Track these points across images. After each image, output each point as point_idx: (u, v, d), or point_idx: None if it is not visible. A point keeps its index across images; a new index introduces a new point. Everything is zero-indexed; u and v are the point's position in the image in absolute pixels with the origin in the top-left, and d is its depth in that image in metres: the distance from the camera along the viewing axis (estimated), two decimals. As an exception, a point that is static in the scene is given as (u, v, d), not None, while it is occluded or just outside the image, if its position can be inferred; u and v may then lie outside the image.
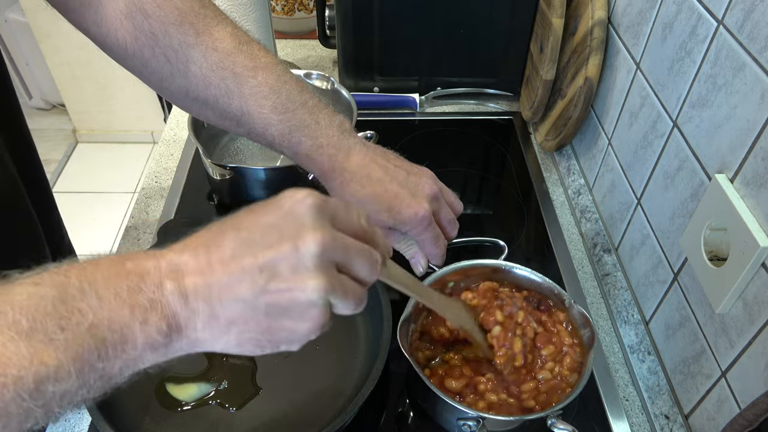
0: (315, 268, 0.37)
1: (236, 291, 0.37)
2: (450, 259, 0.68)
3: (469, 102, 1.13)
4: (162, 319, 0.35)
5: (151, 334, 0.35)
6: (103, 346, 0.33)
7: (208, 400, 0.63)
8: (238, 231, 0.38)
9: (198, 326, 0.37)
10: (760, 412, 0.44)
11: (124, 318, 0.34)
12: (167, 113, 1.81)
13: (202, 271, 0.37)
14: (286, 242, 0.37)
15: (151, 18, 0.56)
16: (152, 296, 0.35)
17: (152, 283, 0.36)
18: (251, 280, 0.36)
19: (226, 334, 0.37)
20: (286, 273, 0.37)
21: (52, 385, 0.31)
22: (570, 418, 0.65)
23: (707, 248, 0.56)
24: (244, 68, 0.57)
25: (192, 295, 0.36)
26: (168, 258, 0.37)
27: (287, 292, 0.37)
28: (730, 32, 0.55)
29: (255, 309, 0.37)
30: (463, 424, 0.57)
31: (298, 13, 1.28)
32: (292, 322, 0.38)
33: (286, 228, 0.37)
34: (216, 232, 0.39)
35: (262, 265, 0.36)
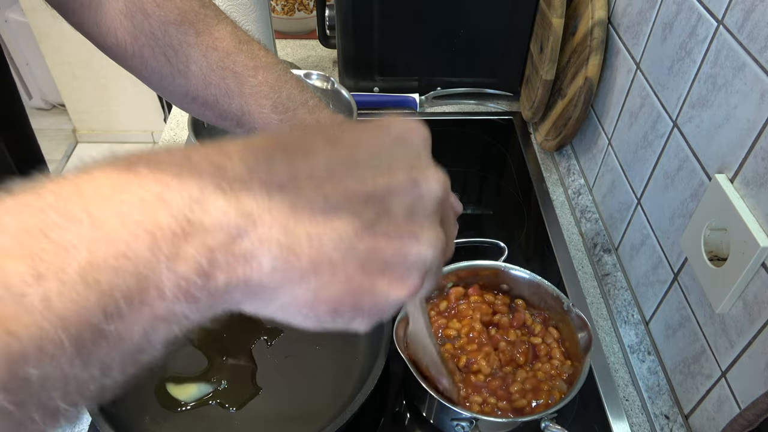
0: (434, 214, 0.28)
1: (333, 222, 0.25)
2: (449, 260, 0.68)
3: (469, 102, 1.13)
4: (203, 250, 0.22)
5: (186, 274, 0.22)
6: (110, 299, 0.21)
7: (208, 400, 0.64)
8: (334, 144, 0.27)
9: (265, 265, 0.24)
10: (760, 412, 0.44)
11: (138, 251, 0.21)
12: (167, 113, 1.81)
13: (280, 185, 0.24)
14: (402, 173, 0.27)
15: (151, 18, 0.56)
16: (186, 213, 0.22)
17: (187, 193, 0.23)
18: (353, 212, 0.26)
19: (303, 283, 0.25)
20: (400, 213, 0.27)
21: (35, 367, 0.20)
22: (570, 418, 0.65)
23: (707, 248, 0.56)
24: (245, 68, 0.57)
25: (263, 216, 0.24)
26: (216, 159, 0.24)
27: (397, 240, 0.27)
28: (730, 32, 0.55)
29: (351, 253, 0.26)
30: (456, 425, 0.58)
31: (298, 13, 1.28)
32: (387, 283, 0.27)
33: (401, 156, 0.28)
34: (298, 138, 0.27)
35: (371, 194, 0.26)
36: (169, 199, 0.22)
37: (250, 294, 0.25)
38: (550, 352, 0.64)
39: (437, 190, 0.28)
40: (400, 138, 0.29)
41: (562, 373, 0.62)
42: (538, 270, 0.69)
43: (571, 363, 0.63)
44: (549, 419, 0.57)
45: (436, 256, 0.28)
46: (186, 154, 0.24)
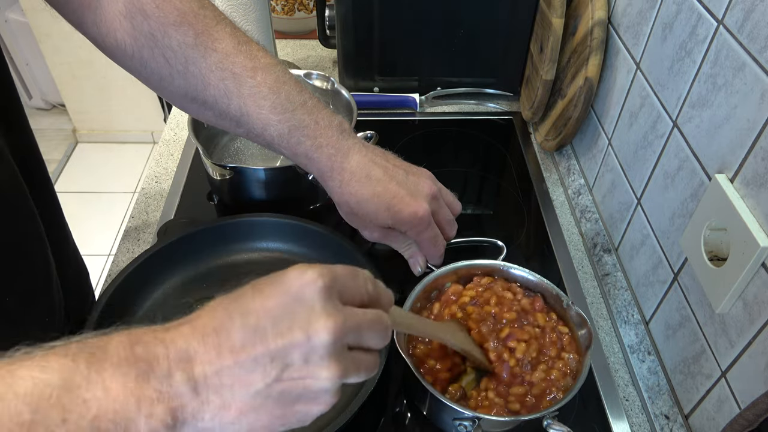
0: (328, 356, 0.37)
1: (248, 381, 0.36)
2: (448, 260, 0.68)
3: (469, 102, 1.13)
4: (168, 412, 0.34)
5: (156, 426, 0.34)
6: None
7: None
8: (246, 317, 0.37)
9: (206, 416, 0.36)
10: (760, 412, 0.44)
11: (129, 411, 0.33)
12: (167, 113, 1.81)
13: (211, 361, 0.36)
14: (297, 331, 0.36)
15: (150, 19, 0.56)
16: (160, 387, 0.34)
17: (161, 372, 0.35)
18: (263, 371, 0.36)
19: (236, 423, 0.36)
20: (299, 362, 0.36)
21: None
22: (570, 418, 0.65)
23: (707, 248, 0.56)
24: (243, 68, 0.57)
25: (202, 386, 0.35)
26: (177, 345, 0.36)
27: (300, 381, 0.37)
28: (730, 32, 0.55)
29: (267, 398, 0.36)
30: (459, 424, 0.57)
31: (298, 13, 1.28)
32: (305, 406, 0.38)
33: (296, 314, 0.37)
34: (223, 315, 0.37)
35: (274, 355, 0.36)
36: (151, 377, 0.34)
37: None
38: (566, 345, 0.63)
39: (326, 338, 0.37)
40: (298, 296, 0.37)
41: (573, 369, 0.62)
42: (538, 270, 0.69)
43: (577, 356, 0.62)
44: (551, 417, 0.57)
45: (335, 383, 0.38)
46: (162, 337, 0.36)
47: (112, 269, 0.80)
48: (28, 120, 0.65)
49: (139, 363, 0.34)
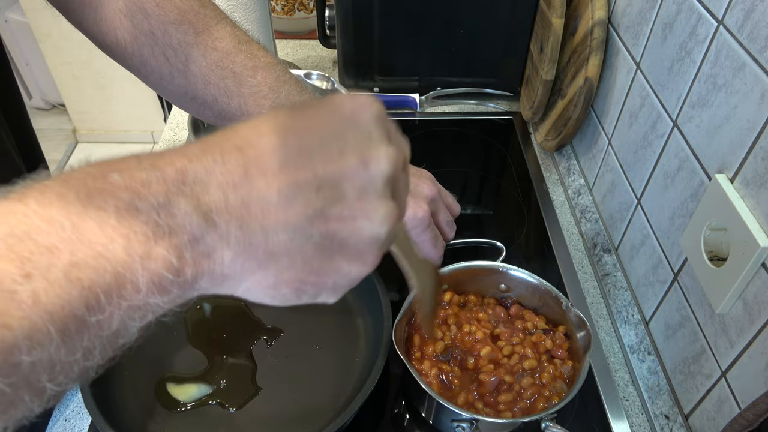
0: (384, 192, 0.30)
1: (285, 213, 0.27)
2: (447, 260, 0.68)
3: (469, 102, 1.13)
4: (172, 249, 0.26)
5: (158, 270, 0.26)
6: (91, 294, 0.24)
7: (208, 400, 0.63)
8: (284, 134, 0.28)
9: (225, 258, 0.27)
10: (760, 412, 0.43)
11: (115, 252, 0.25)
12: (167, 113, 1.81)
13: (235, 184, 0.27)
14: (352, 155, 0.29)
15: (150, 17, 0.56)
16: (155, 218, 0.26)
17: (154, 199, 0.26)
18: (305, 200, 0.28)
19: (263, 269, 0.28)
20: (352, 195, 0.29)
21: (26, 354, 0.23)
22: (570, 418, 0.65)
23: (707, 248, 0.56)
24: (244, 68, 0.57)
25: (219, 215, 0.27)
26: (178, 164, 0.27)
27: (351, 221, 0.29)
28: (730, 32, 0.55)
29: (306, 240, 0.28)
30: (456, 426, 0.57)
31: (298, 13, 1.28)
32: (347, 261, 0.30)
33: (351, 138, 0.29)
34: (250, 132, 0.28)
35: (322, 182, 0.28)
36: (139, 206, 0.25)
37: (215, 283, 0.28)
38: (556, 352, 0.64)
39: (386, 168, 0.30)
40: (351, 118, 0.30)
41: (563, 374, 0.62)
42: (538, 270, 0.69)
43: (572, 363, 0.63)
44: (549, 419, 0.57)
45: (390, 229, 0.30)
46: (153, 161, 0.27)
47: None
48: (30, 120, 0.66)
49: (119, 192, 0.25)
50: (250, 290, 0.29)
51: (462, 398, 0.61)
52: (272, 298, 0.30)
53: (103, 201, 0.25)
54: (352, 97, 0.31)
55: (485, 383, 0.60)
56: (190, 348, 0.68)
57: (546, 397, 0.60)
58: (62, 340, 0.24)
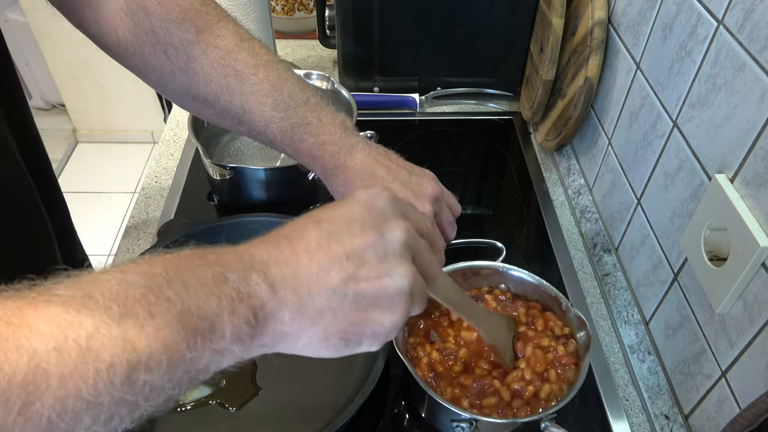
0: (402, 254, 0.38)
1: (325, 280, 0.36)
2: (448, 260, 0.68)
3: (469, 102, 1.13)
4: (250, 309, 0.34)
5: (239, 324, 0.34)
6: (192, 335, 0.32)
7: (208, 400, 0.63)
8: (319, 224, 0.38)
9: (285, 318, 0.36)
10: (760, 412, 0.43)
11: (212, 306, 0.33)
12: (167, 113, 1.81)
13: (287, 261, 0.36)
14: (371, 231, 0.37)
15: (152, 15, 0.55)
16: (238, 286, 0.34)
17: (237, 273, 0.35)
18: (339, 268, 0.36)
19: (313, 326, 0.37)
20: (374, 260, 0.37)
21: (143, 374, 0.30)
22: (570, 418, 0.65)
23: (707, 248, 0.56)
24: (246, 65, 0.57)
25: (280, 285, 0.36)
26: (249, 252, 0.37)
27: (376, 280, 0.37)
28: (730, 32, 0.55)
29: (344, 298, 0.36)
30: (456, 426, 0.57)
31: (298, 13, 1.28)
32: (380, 313, 0.38)
33: (369, 219, 0.38)
34: (295, 226, 0.39)
35: (350, 253, 0.37)
36: (228, 277, 0.34)
37: (277, 338, 0.36)
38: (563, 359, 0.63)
39: (400, 235, 0.38)
40: (368, 204, 0.39)
41: (567, 378, 0.62)
42: (538, 270, 0.69)
43: (575, 367, 0.63)
44: (549, 419, 0.57)
45: (411, 283, 0.38)
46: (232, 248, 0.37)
47: (112, 269, 0.80)
48: (33, 118, 0.66)
49: (214, 266, 0.34)
50: (308, 345, 0.37)
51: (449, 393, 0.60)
52: (326, 349, 0.38)
53: (204, 271, 0.34)
54: (369, 189, 0.40)
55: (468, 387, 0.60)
56: (190, 348, 0.68)
57: (544, 403, 0.60)
58: (167, 367, 0.31)
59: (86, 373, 0.28)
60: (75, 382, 0.28)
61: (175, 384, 0.32)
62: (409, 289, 0.38)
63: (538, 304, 0.68)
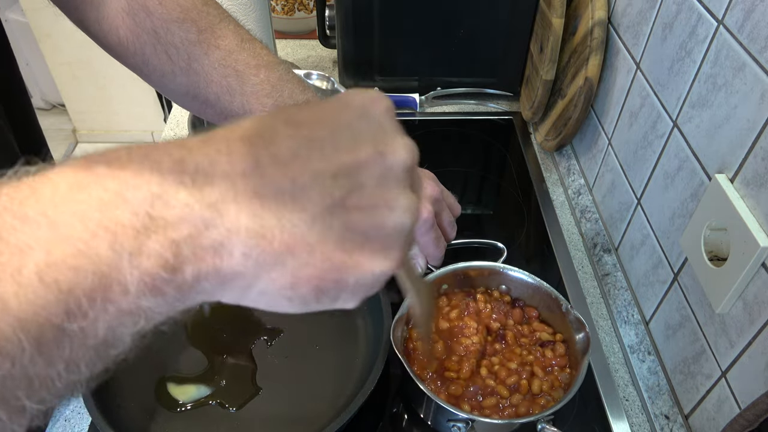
0: (405, 181, 0.28)
1: (302, 202, 0.25)
2: (448, 260, 0.68)
3: (469, 102, 1.13)
4: (167, 244, 0.23)
5: (150, 269, 0.22)
6: (71, 298, 0.21)
7: (208, 400, 0.63)
8: (296, 126, 0.26)
9: (236, 252, 0.24)
10: (760, 412, 0.43)
11: (98, 249, 0.21)
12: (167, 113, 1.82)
13: (244, 173, 0.24)
14: (367, 145, 0.27)
15: (153, 15, 0.56)
16: (148, 210, 0.22)
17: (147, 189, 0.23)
18: (322, 189, 0.25)
19: (278, 266, 0.25)
20: (371, 184, 0.27)
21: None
22: (570, 418, 0.65)
23: (707, 248, 0.56)
24: (247, 66, 0.57)
25: (227, 205, 0.24)
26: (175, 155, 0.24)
27: (371, 211, 0.27)
28: (730, 32, 0.55)
29: (325, 230, 0.25)
30: (453, 426, 0.57)
31: (298, 13, 1.28)
32: (370, 256, 0.27)
33: (363, 129, 0.27)
34: (256, 124, 0.26)
35: (338, 171, 0.26)
36: (128, 197, 0.22)
37: (223, 283, 0.25)
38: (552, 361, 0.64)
39: (405, 157, 0.28)
40: (361, 111, 0.28)
41: (561, 382, 0.62)
42: (538, 270, 0.69)
43: (569, 371, 0.63)
44: (545, 421, 0.57)
45: (412, 222, 0.28)
46: (145, 151, 0.24)
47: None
48: (36, 115, 0.66)
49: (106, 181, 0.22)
50: (264, 292, 0.26)
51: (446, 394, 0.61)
52: (289, 300, 0.26)
53: (85, 194, 0.22)
54: (362, 91, 0.29)
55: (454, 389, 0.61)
56: (190, 348, 0.68)
57: (541, 405, 0.60)
58: (38, 350, 0.21)
59: None
60: None
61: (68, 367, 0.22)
62: (411, 225, 0.28)
63: (536, 310, 0.68)
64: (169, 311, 0.25)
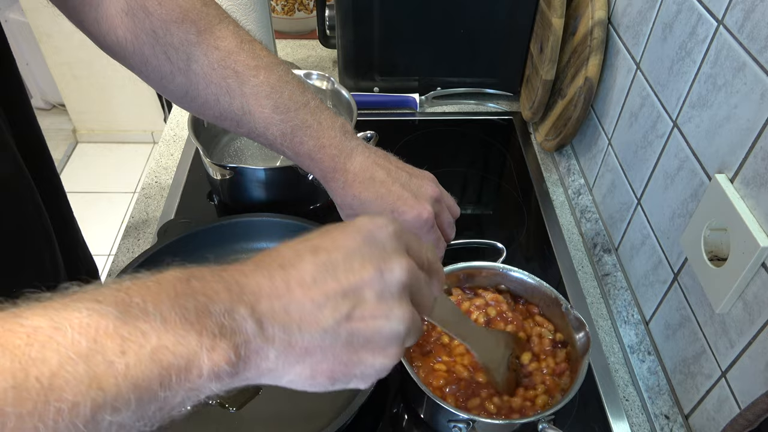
0: (400, 296, 0.36)
1: (318, 318, 0.34)
2: (448, 261, 0.68)
3: (469, 102, 1.13)
4: (232, 347, 0.32)
5: (219, 362, 0.31)
6: (167, 374, 0.30)
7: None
8: (316, 253, 0.35)
9: (271, 355, 0.33)
10: (760, 412, 0.43)
11: (190, 343, 0.30)
12: (167, 113, 1.82)
13: (279, 295, 0.34)
14: (370, 267, 0.35)
15: (152, 16, 0.55)
16: (222, 321, 0.32)
17: (222, 305, 0.32)
18: (334, 307, 0.34)
19: (300, 364, 0.34)
20: (372, 300, 0.35)
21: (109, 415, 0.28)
22: (570, 418, 0.65)
23: (707, 248, 0.56)
24: (246, 67, 0.57)
25: (268, 321, 0.33)
26: (238, 280, 0.34)
27: (371, 321, 0.35)
28: (730, 32, 0.55)
29: (335, 338, 0.34)
30: (453, 426, 0.57)
31: (298, 13, 1.28)
32: (372, 355, 0.36)
33: (368, 253, 0.36)
34: (290, 253, 0.36)
35: (346, 291, 0.35)
36: (212, 309, 0.31)
37: (260, 375, 0.34)
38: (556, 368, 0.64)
39: (400, 275, 0.36)
40: (369, 236, 0.37)
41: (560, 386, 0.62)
42: (538, 270, 0.69)
43: (569, 374, 0.63)
44: (546, 421, 0.57)
45: (408, 327, 0.36)
46: (220, 273, 0.34)
47: (112, 268, 0.80)
48: (35, 114, 0.66)
49: (198, 296, 0.32)
50: (292, 382, 0.35)
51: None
52: (311, 386, 0.36)
53: (185, 301, 0.31)
54: (372, 219, 0.38)
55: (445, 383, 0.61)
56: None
57: (541, 406, 0.60)
58: (137, 407, 0.29)
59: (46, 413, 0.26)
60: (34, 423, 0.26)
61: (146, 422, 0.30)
62: (405, 333, 0.36)
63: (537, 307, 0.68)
64: (219, 391, 0.33)
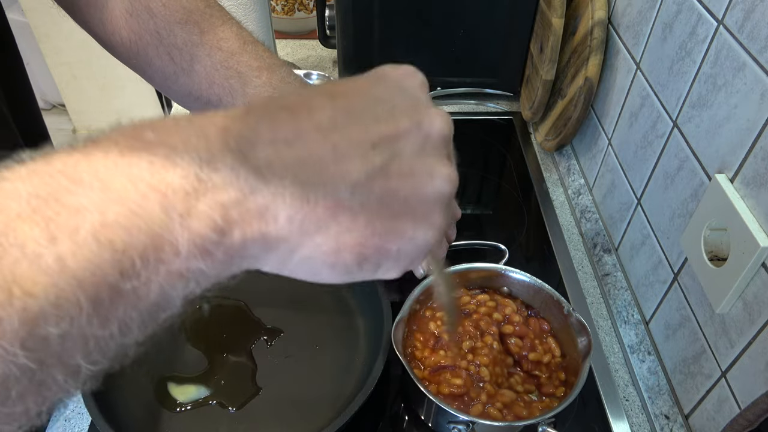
0: (444, 151, 0.29)
1: (345, 168, 0.25)
2: (448, 261, 0.68)
3: (469, 102, 1.13)
4: (216, 206, 0.23)
5: (200, 230, 0.23)
6: (126, 258, 0.22)
7: (208, 400, 0.63)
8: (333, 98, 0.27)
9: (280, 217, 0.24)
10: (760, 412, 0.44)
11: (151, 211, 0.22)
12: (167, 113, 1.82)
13: (287, 140, 0.25)
14: (404, 117, 0.28)
15: (156, 17, 0.56)
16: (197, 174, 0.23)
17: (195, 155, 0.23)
18: (363, 157, 0.26)
19: (321, 232, 0.25)
20: (409, 153, 0.27)
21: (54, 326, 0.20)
22: (570, 418, 0.65)
23: (707, 248, 0.56)
24: (249, 68, 0.57)
25: (271, 171, 0.24)
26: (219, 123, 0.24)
27: (411, 178, 0.27)
28: (730, 32, 0.55)
29: (368, 197, 0.26)
30: (453, 428, 0.57)
31: (298, 13, 1.28)
32: (412, 223, 0.27)
33: (399, 102, 0.28)
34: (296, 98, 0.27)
35: (377, 141, 0.26)
36: (177, 161, 0.23)
37: (268, 248, 0.25)
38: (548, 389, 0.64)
39: (443, 127, 0.29)
40: (397, 84, 0.29)
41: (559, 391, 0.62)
42: (538, 270, 0.69)
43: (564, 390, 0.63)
44: (546, 423, 0.57)
45: (452, 190, 0.29)
46: (190, 119, 0.25)
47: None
48: (40, 111, 0.66)
49: (154, 149, 0.23)
50: (307, 259, 0.26)
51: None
52: (332, 267, 0.27)
53: (136, 158, 0.22)
54: (396, 66, 0.30)
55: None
56: (190, 348, 0.68)
57: (541, 409, 0.60)
58: (94, 310, 0.21)
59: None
60: None
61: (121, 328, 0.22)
62: (449, 196, 0.29)
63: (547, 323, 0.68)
64: (217, 275, 0.25)
